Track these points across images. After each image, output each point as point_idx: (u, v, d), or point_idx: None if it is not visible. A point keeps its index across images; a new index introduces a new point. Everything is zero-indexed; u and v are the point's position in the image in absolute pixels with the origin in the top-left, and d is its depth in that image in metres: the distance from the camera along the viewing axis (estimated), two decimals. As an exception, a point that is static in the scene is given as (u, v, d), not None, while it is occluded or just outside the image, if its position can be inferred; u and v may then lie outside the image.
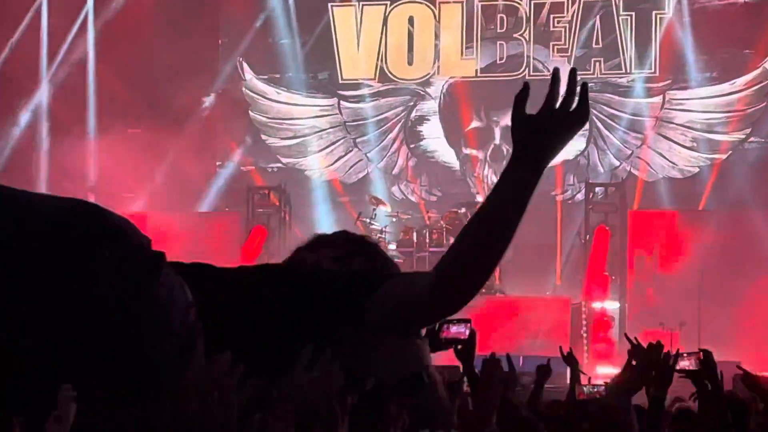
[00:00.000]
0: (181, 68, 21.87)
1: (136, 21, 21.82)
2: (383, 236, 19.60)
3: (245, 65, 23.17)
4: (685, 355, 5.69)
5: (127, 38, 21.49)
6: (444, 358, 4.91)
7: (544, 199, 21.99)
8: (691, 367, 5.55)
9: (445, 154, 22.68)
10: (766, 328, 17.34)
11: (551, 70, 2.76)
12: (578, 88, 2.76)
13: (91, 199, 21.25)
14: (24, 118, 22.37)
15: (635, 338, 6.37)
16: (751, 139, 21.61)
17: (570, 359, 7.12)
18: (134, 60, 21.18)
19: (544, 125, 2.74)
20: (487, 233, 2.77)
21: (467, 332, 4.69)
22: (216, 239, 20.16)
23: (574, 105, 2.76)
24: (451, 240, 19.57)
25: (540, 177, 2.75)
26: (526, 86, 2.79)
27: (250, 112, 23.14)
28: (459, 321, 4.65)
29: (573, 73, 2.79)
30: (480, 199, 20.76)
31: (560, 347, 7.43)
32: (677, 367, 5.56)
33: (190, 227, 20.38)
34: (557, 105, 2.75)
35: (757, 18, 21.26)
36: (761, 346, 15.90)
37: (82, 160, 22.14)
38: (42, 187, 22.27)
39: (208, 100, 22.71)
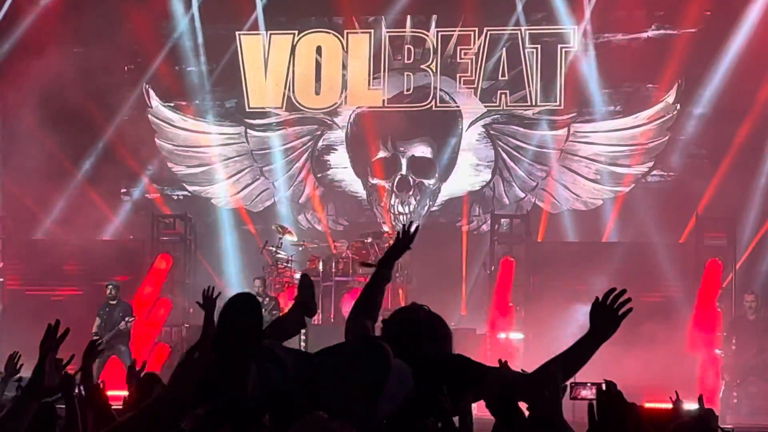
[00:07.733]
0: (86, 95, 21.63)
1: (42, 46, 21.58)
2: (289, 265, 19.54)
3: (151, 92, 23.01)
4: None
5: (33, 61, 21.24)
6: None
7: (450, 229, 22.09)
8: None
9: (352, 183, 22.69)
10: (667, 359, 17.51)
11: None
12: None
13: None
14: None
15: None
16: (654, 172, 21.90)
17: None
18: (40, 84, 20.91)
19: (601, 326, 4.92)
20: (571, 367, 4.83)
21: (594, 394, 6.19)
22: (120, 267, 19.91)
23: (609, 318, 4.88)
24: (358, 269, 19.47)
25: (600, 346, 4.86)
26: None
27: (156, 139, 22.97)
28: (588, 384, 5.84)
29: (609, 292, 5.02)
30: (386, 229, 20.80)
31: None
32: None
33: (94, 255, 20.12)
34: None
35: (660, 53, 21.58)
36: (661, 377, 16.02)
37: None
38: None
39: (114, 127, 22.47)
